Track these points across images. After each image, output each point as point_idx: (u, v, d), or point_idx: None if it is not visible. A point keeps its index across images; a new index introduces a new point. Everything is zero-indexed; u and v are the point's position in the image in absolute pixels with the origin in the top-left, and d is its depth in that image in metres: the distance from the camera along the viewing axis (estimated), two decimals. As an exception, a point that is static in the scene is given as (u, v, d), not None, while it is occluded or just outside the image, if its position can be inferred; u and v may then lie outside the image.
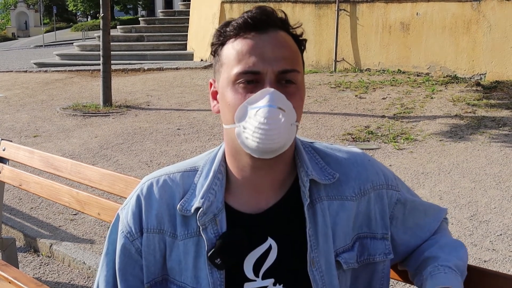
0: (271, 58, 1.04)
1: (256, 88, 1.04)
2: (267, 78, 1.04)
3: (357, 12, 10.32)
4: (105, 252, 1.21)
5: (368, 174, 1.19)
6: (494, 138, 5.81)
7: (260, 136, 1.02)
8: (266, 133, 1.01)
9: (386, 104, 7.56)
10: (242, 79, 1.05)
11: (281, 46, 1.06)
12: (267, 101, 1.02)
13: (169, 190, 1.16)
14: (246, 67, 1.04)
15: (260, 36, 1.06)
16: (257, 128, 1.02)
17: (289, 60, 1.06)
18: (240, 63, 1.05)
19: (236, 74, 1.05)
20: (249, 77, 1.05)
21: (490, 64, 8.99)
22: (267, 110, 1.01)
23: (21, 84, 10.89)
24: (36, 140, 6.45)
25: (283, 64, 1.05)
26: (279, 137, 1.03)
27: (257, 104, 1.02)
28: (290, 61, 1.06)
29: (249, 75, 1.05)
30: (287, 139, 1.05)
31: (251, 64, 1.04)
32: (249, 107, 1.03)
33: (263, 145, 1.03)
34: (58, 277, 3.40)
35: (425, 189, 4.41)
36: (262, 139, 1.02)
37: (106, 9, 8.17)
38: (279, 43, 1.06)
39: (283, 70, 1.05)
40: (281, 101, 1.03)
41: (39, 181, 2.58)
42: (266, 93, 1.03)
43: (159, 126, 6.94)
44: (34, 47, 29.28)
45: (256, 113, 1.02)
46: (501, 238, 3.53)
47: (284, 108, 1.03)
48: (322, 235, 1.13)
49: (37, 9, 45.07)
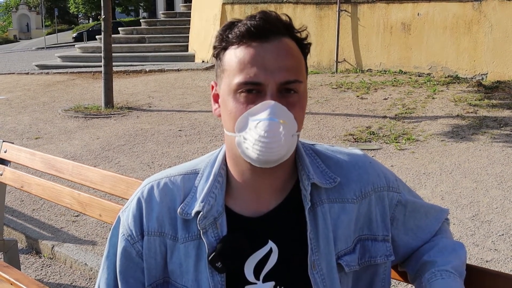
0: (273, 69, 1.03)
1: (257, 99, 1.04)
2: (269, 89, 1.03)
3: (358, 12, 10.32)
4: (106, 254, 1.21)
5: (369, 177, 1.18)
6: (495, 138, 5.80)
7: (261, 148, 1.02)
8: (266, 146, 1.02)
9: (388, 105, 7.55)
10: (243, 89, 1.04)
11: (284, 55, 1.05)
12: (267, 114, 1.01)
13: (169, 193, 1.16)
14: (247, 78, 1.03)
15: (262, 45, 1.04)
16: (257, 140, 1.02)
17: (292, 70, 1.05)
18: (242, 72, 1.04)
19: (237, 84, 1.04)
20: (251, 88, 1.04)
21: (492, 64, 8.98)
22: (268, 124, 1.01)
23: (23, 86, 10.91)
24: (38, 142, 6.46)
25: (285, 75, 1.04)
26: (280, 149, 1.03)
27: (257, 116, 1.02)
28: (292, 71, 1.05)
29: (250, 86, 1.04)
30: (288, 150, 1.05)
31: (253, 74, 1.03)
32: (250, 118, 1.03)
33: (263, 156, 1.03)
34: (60, 278, 3.40)
35: (426, 190, 4.41)
36: (263, 152, 1.02)
37: (107, 11, 8.19)
38: (282, 52, 1.05)
39: (285, 81, 1.04)
40: (282, 113, 1.02)
41: (40, 183, 2.58)
42: (267, 106, 1.02)
43: (161, 128, 6.94)
44: (36, 49, 29.35)
45: (257, 126, 1.01)
46: (503, 238, 3.53)
47: (285, 121, 1.02)
48: (323, 238, 1.12)
49: (38, 11, 45.22)
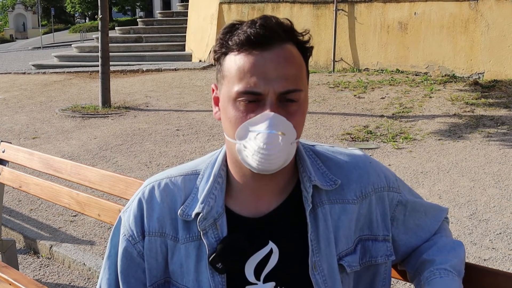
0: (273, 78, 1.02)
1: (257, 108, 1.04)
2: (268, 99, 1.03)
3: (355, 12, 10.33)
4: (107, 255, 1.22)
5: (369, 177, 1.19)
6: (492, 137, 5.82)
7: (260, 159, 1.03)
8: (265, 157, 1.02)
9: (385, 104, 7.56)
10: (243, 98, 1.04)
11: (284, 64, 1.04)
12: (266, 126, 1.01)
13: (170, 193, 1.16)
14: (247, 87, 1.03)
15: (262, 54, 1.03)
16: (256, 151, 1.02)
17: (292, 79, 1.04)
18: (241, 81, 1.03)
19: (237, 93, 1.04)
20: (250, 98, 1.03)
21: (488, 63, 9.00)
22: (267, 136, 1.01)
23: (20, 86, 10.88)
24: (35, 142, 6.45)
25: (285, 85, 1.03)
26: (278, 160, 1.04)
27: (257, 127, 1.02)
28: (292, 80, 1.04)
29: (250, 96, 1.03)
30: (287, 158, 1.06)
31: (252, 84, 1.02)
32: (250, 128, 1.03)
33: (263, 166, 1.04)
34: (58, 278, 3.40)
35: (424, 188, 4.42)
36: (262, 162, 1.03)
37: (104, 11, 8.17)
38: (282, 61, 1.04)
39: (285, 91, 1.03)
40: (281, 124, 1.02)
41: (38, 183, 2.58)
42: (266, 117, 1.02)
43: (158, 127, 6.93)
44: (32, 49, 29.25)
45: (256, 137, 1.02)
46: (500, 237, 3.54)
47: (284, 132, 1.02)
48: (324, 239, 1.13)
49: (35, 10, 45.08)
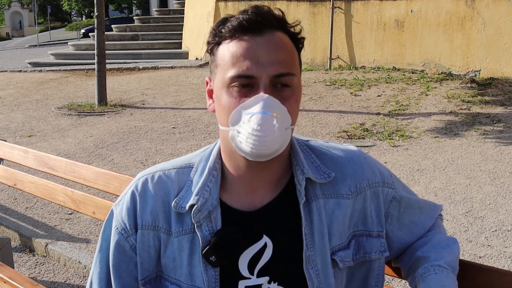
0: (265, 62, 1.03)
1: (250, 92, 1.04)
2: (262, 82, 1.03)
3: (351, 9, 10.33)
4: (99, 248, 1.21)
5: (364, 172, 1.18)
6: (488, 134, 5.83)
7: (254, 142, 1.02)
8: (259, 140, 1.01)
9: (381, 102, 7.57)
10: (236, 83, 1.04)
11: (277, 49, 1.04)
12: (260, 108, 1.01)
13: (164, 186, 1.16)
14: (240, 71, 1.03)
15: (255, 39, 1.04)
16: (250, 134, 1.01)
17: (285, 63, 1.04)
18: (234, 66, 1.04)
19: (230, 78, 1.04)
20: (243, 81, 1.03)
21: (485, 61, 9.01)
22: (261, 117, 1.00)
23: (16, 84, 10.85)
24: (31, 140, 6.43)
25: (278, 68, 1.03)
26: (273, 142, 1.03)
27: (251, 110, 1.02)
28: (285, 64, 1.04)
29: (243, 79, 1.03)
30: (282, 143, 1.05)
31: (245, 68, 1.03)
32: (243, 112, 1.03)
33: (257, 150, 1.03)
34: (54, 276, 3.39)
35: (420, 186, 4.42)
36: (256, 145, 1.02)
37: (100, 8, 8.15)
38: (275, 45, 1.04)
39: (278, 74, 1.03)
40: (275, 107, 1.02)
41: (34, 181, 2.57)
42: (260, 99, 1.02)
43: (154, 125, 6.93)
44: (29, 47, 29.19)
45: (250, 119, 1.01)
46: (496, 234, 3.54)
47: (278, 114, 1.02)
48: (318, 233, 1.12)
49: (31, 8, 44.95)
